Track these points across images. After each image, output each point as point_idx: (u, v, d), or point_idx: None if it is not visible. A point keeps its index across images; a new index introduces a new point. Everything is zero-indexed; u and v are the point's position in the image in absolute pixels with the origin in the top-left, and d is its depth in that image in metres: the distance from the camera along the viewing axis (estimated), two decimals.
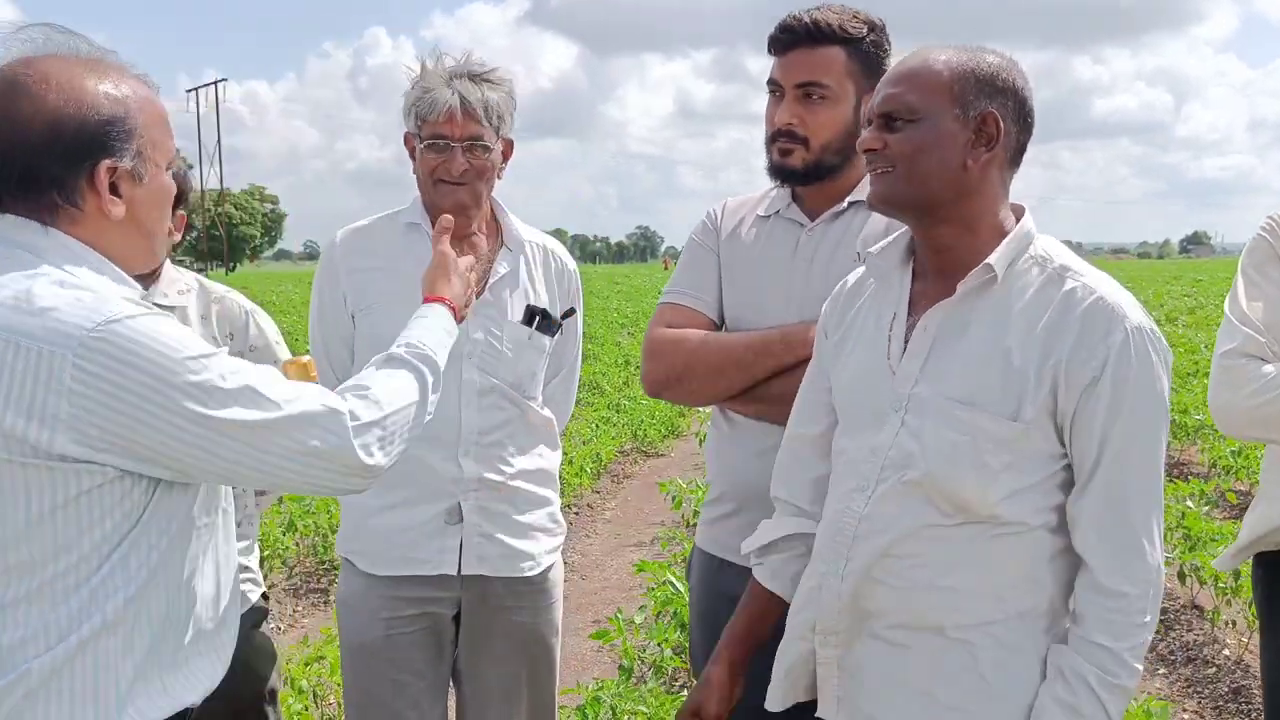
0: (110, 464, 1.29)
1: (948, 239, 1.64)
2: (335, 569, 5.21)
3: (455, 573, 2.30)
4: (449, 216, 2.04)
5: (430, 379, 1.64)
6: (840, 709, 1.70)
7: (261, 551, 5.11)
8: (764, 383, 2.04)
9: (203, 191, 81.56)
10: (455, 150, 2.22)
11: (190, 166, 2.38)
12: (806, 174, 2.08)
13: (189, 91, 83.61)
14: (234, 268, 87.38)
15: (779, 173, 2.10)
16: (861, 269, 1.82)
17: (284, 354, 2.49)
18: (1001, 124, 1.58)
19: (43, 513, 1.28)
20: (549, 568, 2.43)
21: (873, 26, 2.06)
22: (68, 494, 1.28)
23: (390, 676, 2.32)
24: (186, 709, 1.47)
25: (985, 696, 1.58)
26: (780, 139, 2.06)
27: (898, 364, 1.65)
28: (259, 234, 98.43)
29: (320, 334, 2.41)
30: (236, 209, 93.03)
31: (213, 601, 1.51)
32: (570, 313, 2.44)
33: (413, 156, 2.30)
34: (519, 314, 2.34)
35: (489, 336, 2.30)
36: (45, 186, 1.35)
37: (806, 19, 2.03)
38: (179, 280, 2.41)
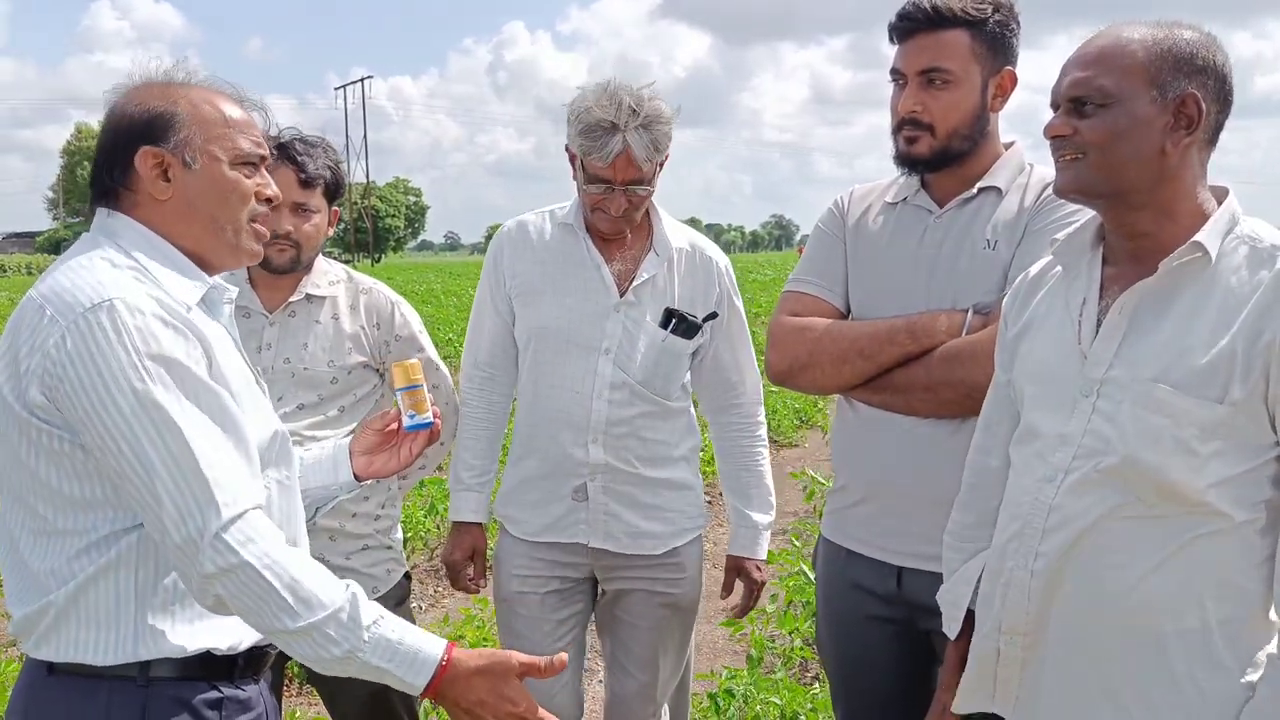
0: (64, 422, 1.44)
1: (1144, 225, 1.56)
2: None
3: (585, 544, 2.45)
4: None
5: (322, 621, 1.40)
6: (1018, 710, 1.64)
7: (404, 533, 5.30)
8: (889, 372, 2.03)
9: (349, 185, 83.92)
10: (617, 192, 2.29)
11: (339, 162, 2.52)
12: (933, 161, 2.06)
13: (337, 89, 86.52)
14: (379, 259, 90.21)
15: (906, 161, 2.09)
16: (1046, 259, 1.76)
17: (426, 343, 2.62)
18: (1203, 105, 1.49)
19: (30, 456, 1.46)
20: (679, 548, 2.51)
21: (998, 6, 2.00)
22: (49, 446, 1.45)
23: (528, 634, 2.47)
24: (225, 653, 1.54)
25: (1182, 712, 1.50)
26: (905, 127, 2.04)
27: (1089, 348, 1.58)
28: (402, 225, 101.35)
29: (478, 318, 2.57)
30: (381, 202, 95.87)
31: None
32: (712, 316, 2.49)
33: (572, 164, 2.37)
34: (658, 316, 2.42)
35: (626, 335, 2.40)
36: (110, 170, 1.59)
37: (926, 4, 1.98)
38: (329, 272, 2.55)
